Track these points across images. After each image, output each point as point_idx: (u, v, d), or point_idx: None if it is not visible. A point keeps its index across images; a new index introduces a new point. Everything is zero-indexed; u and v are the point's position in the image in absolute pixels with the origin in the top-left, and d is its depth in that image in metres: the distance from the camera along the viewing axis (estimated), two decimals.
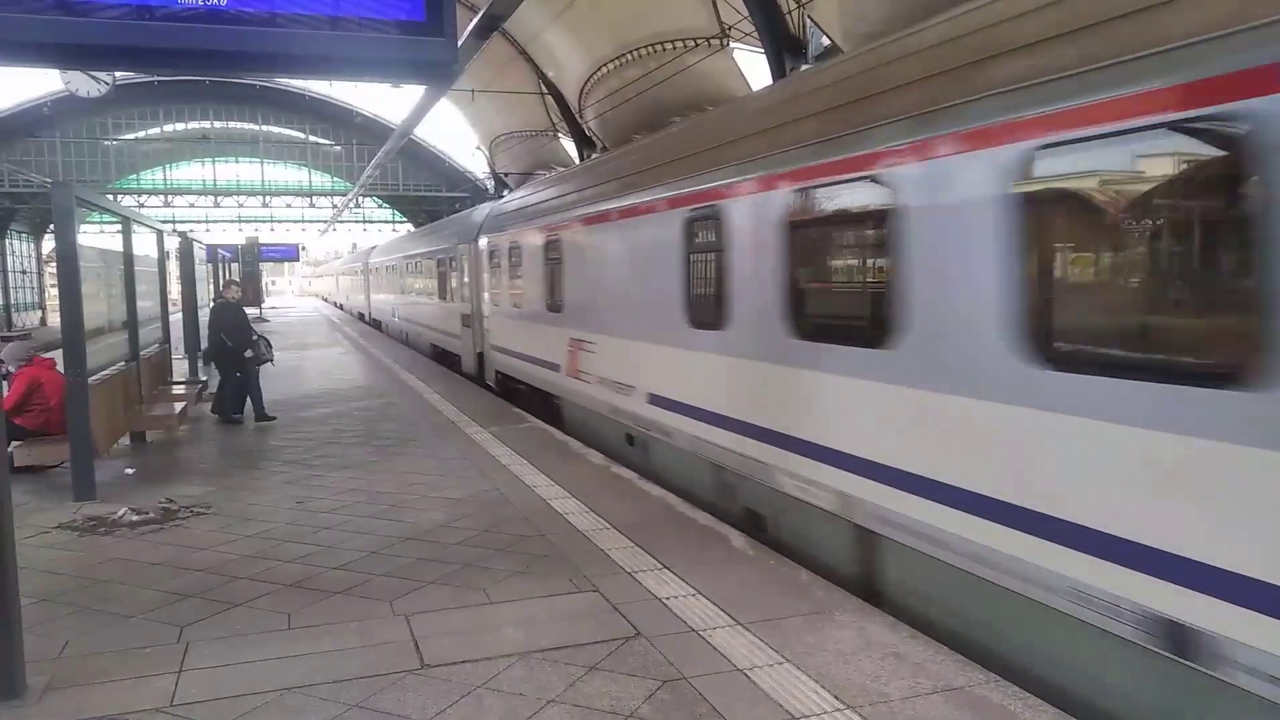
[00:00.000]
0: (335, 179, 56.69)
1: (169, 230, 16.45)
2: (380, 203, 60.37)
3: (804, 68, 7.31)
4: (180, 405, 11.68)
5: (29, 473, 8.76)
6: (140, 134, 53.45)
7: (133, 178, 53.85)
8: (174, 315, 15.75)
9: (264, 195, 53.07)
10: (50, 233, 38.21)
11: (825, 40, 16.32)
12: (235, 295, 12.79)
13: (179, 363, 16.01)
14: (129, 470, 9.14)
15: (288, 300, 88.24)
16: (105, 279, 9.89)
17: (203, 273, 22.01)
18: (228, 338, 12.12)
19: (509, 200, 15.64)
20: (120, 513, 7.28)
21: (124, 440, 10.44)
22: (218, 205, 53.21)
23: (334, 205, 51.84)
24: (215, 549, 6.38)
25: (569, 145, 32.88)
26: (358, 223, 63.52)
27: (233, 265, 29.11)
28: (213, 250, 25.14)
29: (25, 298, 53.63)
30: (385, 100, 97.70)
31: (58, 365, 8.88)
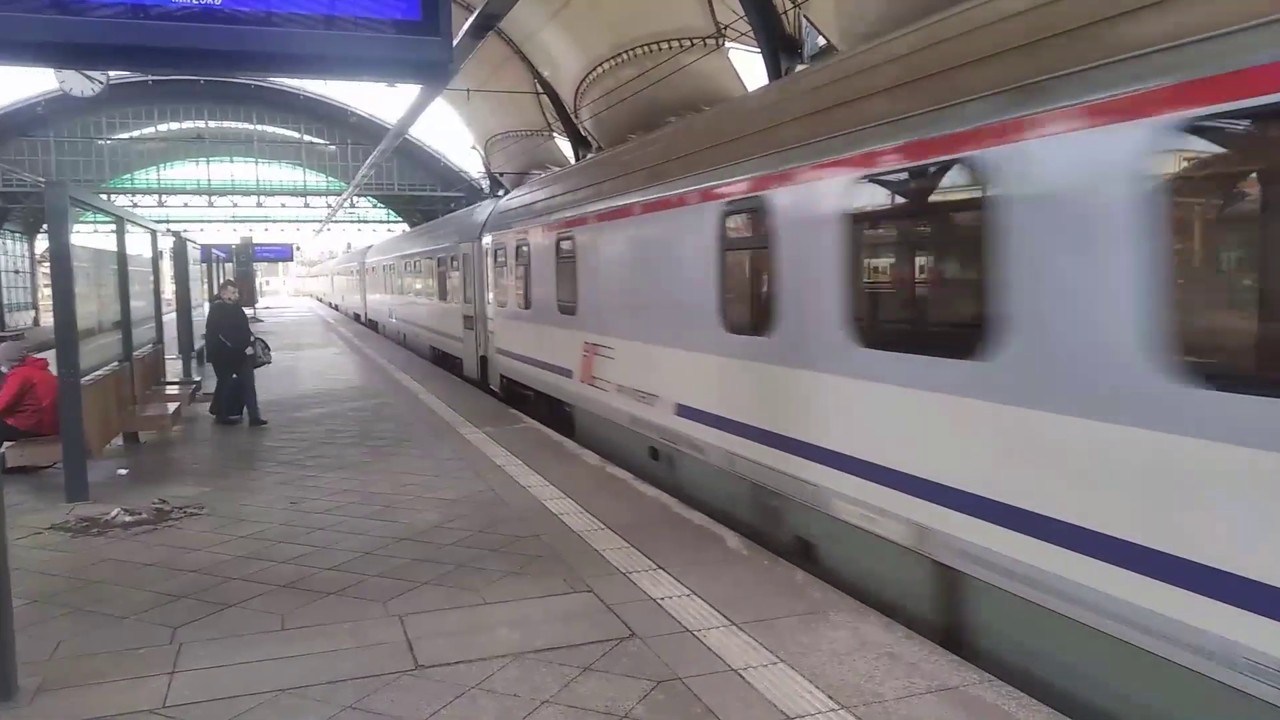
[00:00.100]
0: (330, 179, 56.54)
1: (163, 230, 16.39)
2: (375, 202, 60.32)
3: (859, 49, 6.29)
4: (174, 406, 11.67)
5: (22, 473, 8.75)
6: (134, 133, 53.24)
7: (127, 177, 53.67)
8: (168, 315, 15.70)
9: (258, 195, 52.93)
10: (44, 232, 38.16)
11: (821, 40, 16.32)
12: (233, 296, 12.77)
13: (172, 363, 15.97)
14: (122, 471, 9.12)
15: (282, 300, 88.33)
16: (98, 279, 9.86)
17: (197, 273, 21.95)
18: (226, 338, 12.10)
19: (516, 195, 15.07)
20: (113, 513, 7.26)
21: (117, 441, 10.42)
22: (212, 205, 53.07)
23: (329, 205, 51.72)
24: (209, 550, 6.37)
25: (564, 145, 32.87)
26: (352, 223, 63.50)
27: (227, 265, 29.00)
28: (207, 250, 25.06)
29: (18, 298, 53.43)
30: (380, 100, 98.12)
31: (50, 365, 8.86)
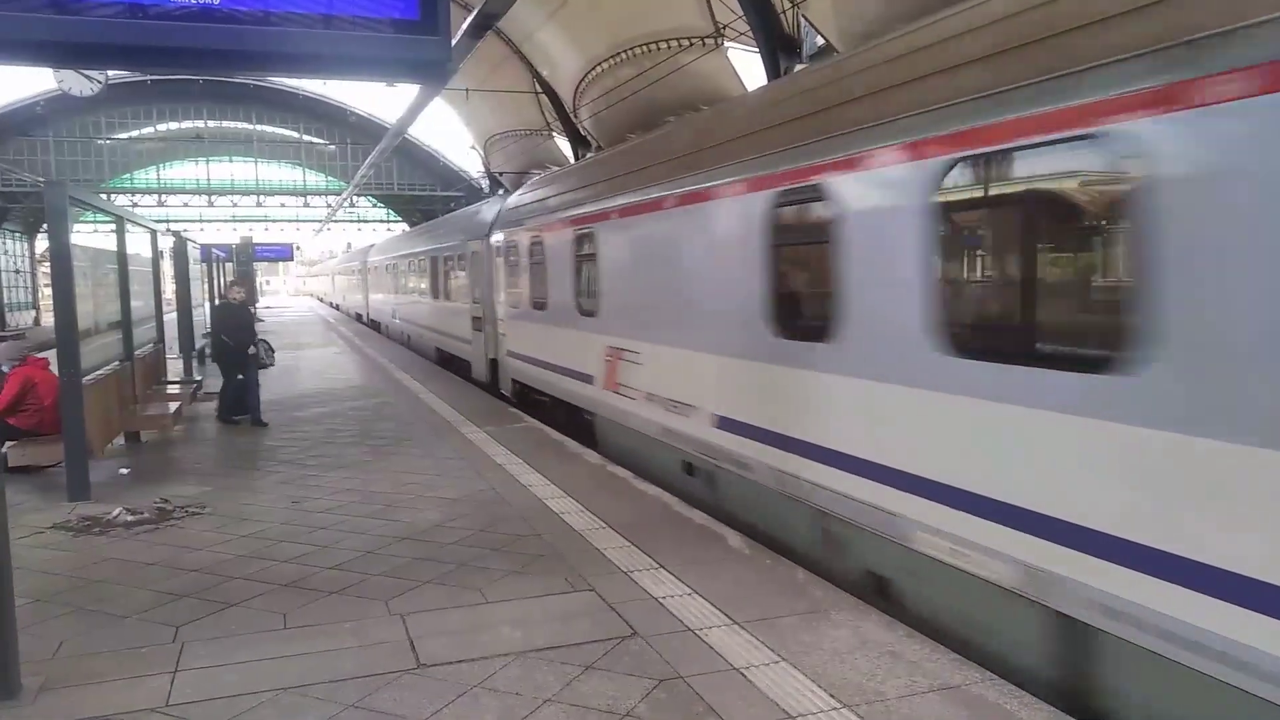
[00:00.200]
0: (330, 178, 56.56)
1: (163, 230, 16.39)
2: (375, 202, 60.33)
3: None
4: (175, 405, 11.67)
5: (23, 473, 8.76)
6: (134, 133, 53.27)
7: (126, 177, 53.70)
8: (168, 315, 15.71)
9: (258, 195, 52.97)
10: (43, 232, 38.17)
11: (820, 40, 16.32)
12: (238, 296, 12.76)
13: (173, 362, 15.98)
14: (124, 470, 9.13)
15: (282, 300, 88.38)
16: (98, 278, 9.87)
17: (197, 272, 21.96)
18: (229, 338, 12.10)
19: (529, 190, 14.27)
20: (115, 513, 7.26)
21: (119, 440, 10.43)
22: (212, 205, 53.13)
23: (328, 205, 51.74)
24: (210, 549, 6.37)
25: (564, 144, 32.87)
26: (352, 222, 63.48)
27: (227, 265, 28.99)
28: (207, 250, 25.06)
29: (19, 297, 53.48)
30: (379, 99, 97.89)
31: (52, 365, 8.86)
